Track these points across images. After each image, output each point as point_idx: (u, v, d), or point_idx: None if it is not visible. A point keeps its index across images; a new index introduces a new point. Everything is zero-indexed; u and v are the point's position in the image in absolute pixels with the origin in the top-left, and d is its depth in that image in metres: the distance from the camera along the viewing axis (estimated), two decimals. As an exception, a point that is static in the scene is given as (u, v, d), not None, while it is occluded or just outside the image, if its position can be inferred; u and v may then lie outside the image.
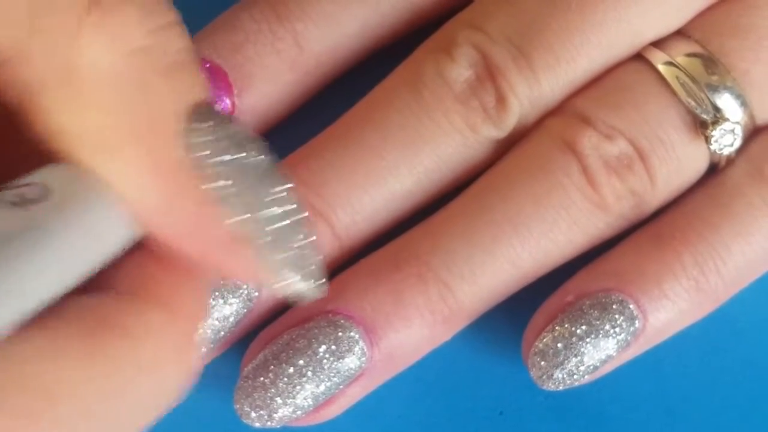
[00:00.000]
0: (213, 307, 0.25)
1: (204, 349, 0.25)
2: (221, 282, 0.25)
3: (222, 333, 0.25)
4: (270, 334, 0.25)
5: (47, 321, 0.15)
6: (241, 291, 0.25)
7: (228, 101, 0.26)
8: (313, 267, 0.17)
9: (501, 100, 0.25)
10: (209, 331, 0.25)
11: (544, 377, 0.25)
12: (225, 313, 0.25)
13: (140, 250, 0.17)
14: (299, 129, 0.28)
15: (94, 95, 0.16)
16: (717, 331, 0.28)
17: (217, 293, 0.25)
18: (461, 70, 0.25)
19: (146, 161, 0.16)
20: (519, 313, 0.27)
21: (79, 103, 0.16)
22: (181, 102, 0.16)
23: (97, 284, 0.16)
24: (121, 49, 0.15)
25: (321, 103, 0.28)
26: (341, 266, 0.26)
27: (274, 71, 0.27)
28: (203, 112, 0.16)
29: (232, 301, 0.25)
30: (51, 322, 0.15)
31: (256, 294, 0.25)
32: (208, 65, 0.26)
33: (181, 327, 0.17)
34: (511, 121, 0.25)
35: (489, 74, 0.25)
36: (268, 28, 0.26)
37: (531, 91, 0.25)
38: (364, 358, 0.25)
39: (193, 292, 0.17)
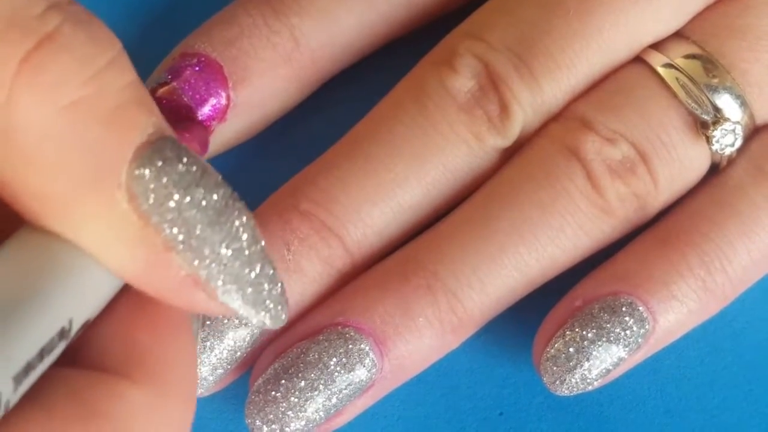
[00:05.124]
0: (228, 328, 0.25)
1: (222, 371, 0.25)
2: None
3: (238, 354, 0.25)
4: (279, 348, 0.25)
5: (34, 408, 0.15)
6: None
7: (223, 94, 0.26)
8: (269, 301, 0.17)
9: (504, 108, 0.25)
10: (225, 353, 0.25)
11: (557, 382, 0.25)
12: (241, 334, 0.25)
13: (130, 314, 0.17)
14: (299, 134, 0.28)
15: (31, 155, 0.15)
16: (715, 331, 0.28)
17: None
18: (464, 81, 0.25)
19: (96, 218, 0.16)
20: (519, 314, 0.27)
21: (21, 164, 0.15)
22: (125, 148, 0.16)
23: (87, 355, 0.16)
24: (54, 105, 0.15)
25: (321, 107, 0.28)
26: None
27: (269, 65, 0.26)
28: (155, 150, 0.16)
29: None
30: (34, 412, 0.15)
31: None
32: (203, 59, 0.26)
33: (171, 408, 0.17)
34: (515, 129, 0.25)
35: (492, 83, 0.25)
36: (263, 22, 0.26)
37: (533, 98, 0.25)
38: (374, 370, 0.25)
39: (183, 366, 0.17)
